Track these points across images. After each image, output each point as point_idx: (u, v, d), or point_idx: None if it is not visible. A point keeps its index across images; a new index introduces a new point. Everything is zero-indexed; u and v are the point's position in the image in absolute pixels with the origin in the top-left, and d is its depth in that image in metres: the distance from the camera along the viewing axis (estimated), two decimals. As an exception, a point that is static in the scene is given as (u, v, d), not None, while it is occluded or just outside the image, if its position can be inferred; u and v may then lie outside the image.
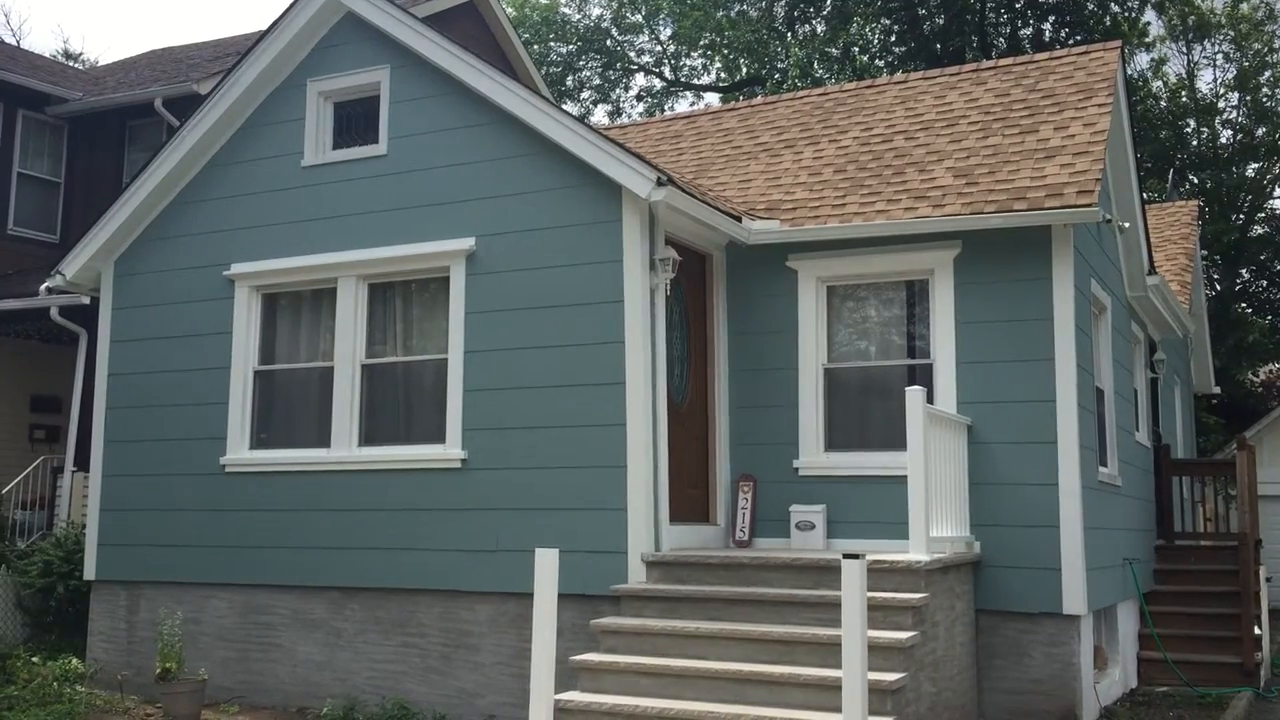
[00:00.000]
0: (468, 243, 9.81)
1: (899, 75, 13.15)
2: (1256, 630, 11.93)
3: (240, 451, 10.67)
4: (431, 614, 9.72)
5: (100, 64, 29.19)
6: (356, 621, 10.04)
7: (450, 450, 9.70)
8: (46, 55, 25.92)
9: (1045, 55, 11.99)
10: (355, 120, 10.70)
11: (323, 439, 10.38)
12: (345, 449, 10.23)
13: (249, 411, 10.74)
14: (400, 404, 10.28)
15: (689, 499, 9.81)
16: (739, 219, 10.05)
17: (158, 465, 10.99)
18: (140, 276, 11.36)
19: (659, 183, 8.86)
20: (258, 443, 10.74)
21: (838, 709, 6.55)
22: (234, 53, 16.88)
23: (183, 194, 11.24)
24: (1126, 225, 11.71)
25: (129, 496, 11.12)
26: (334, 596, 10.16)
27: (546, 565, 7.11)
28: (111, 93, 17.36)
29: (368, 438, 10.26)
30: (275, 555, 10.37)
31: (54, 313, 14.17)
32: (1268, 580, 13.41)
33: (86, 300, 12.87)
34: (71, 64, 30.03)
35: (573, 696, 7.64)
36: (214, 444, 10.74)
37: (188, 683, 9.66)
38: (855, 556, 6.50)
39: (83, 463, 13.59)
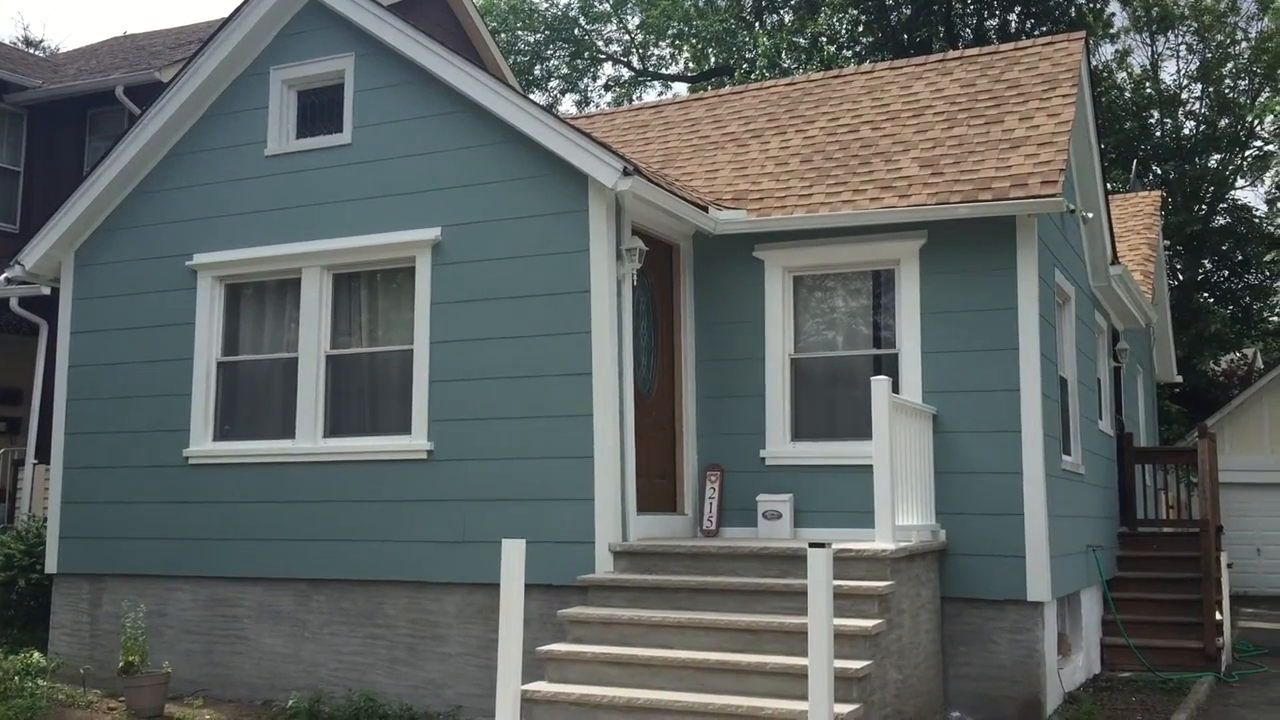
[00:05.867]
0: (433, 233, 9.75)
1: (866, 66, 13.20)
2: (1218, 615, 12.07)
3: (203, 443, 10.58)
4: (398, 605, 9.68)
5: (61, 51, 28.78)
6: (322, 613, 9.98)
7: (416, 441, 9.66)
8: (6, 42, 25.54)
9: (1011, 46, 12.04)
10: (319, 109, 10.61)
11: (287, 430, 10.31)
12: (310, 440, 10.16)
13: (212, 403, 10.66)
14: (366, 395, 10.21)
15: (656, 489, 9.81)
16: (705, 209, 10.04)
17: (120, 457, 10.88)
18: (101, 267, 11.23)
19: (625, 172, 8.84)
20: (221, 434, 10.65)
21: (804, 697, 6.57)
22: (196, 40, 16.68)
23: (144, 183, 11.12)
24: (1090, 215, 11.80)
25: (91, 489, 11.01)
26: (300, 588, 10.09)
27: (513, 556, 7.10)
28: (72, 80, 17.16)
29: (333, 429, 10.20)
30: (240, 547, 10.30)
31: (13, 303, 14.01)
32: (1229, 566, 13.57)
33: (47, 291, 12.72)
34: (32, 51, 29.57)
35: (540, 687, 7.63)
36: (177, 436, 10.64)
37: (151, 676, 9.59)
38: (821, 545, 6.52)
39: (44, 455, 13.43)
